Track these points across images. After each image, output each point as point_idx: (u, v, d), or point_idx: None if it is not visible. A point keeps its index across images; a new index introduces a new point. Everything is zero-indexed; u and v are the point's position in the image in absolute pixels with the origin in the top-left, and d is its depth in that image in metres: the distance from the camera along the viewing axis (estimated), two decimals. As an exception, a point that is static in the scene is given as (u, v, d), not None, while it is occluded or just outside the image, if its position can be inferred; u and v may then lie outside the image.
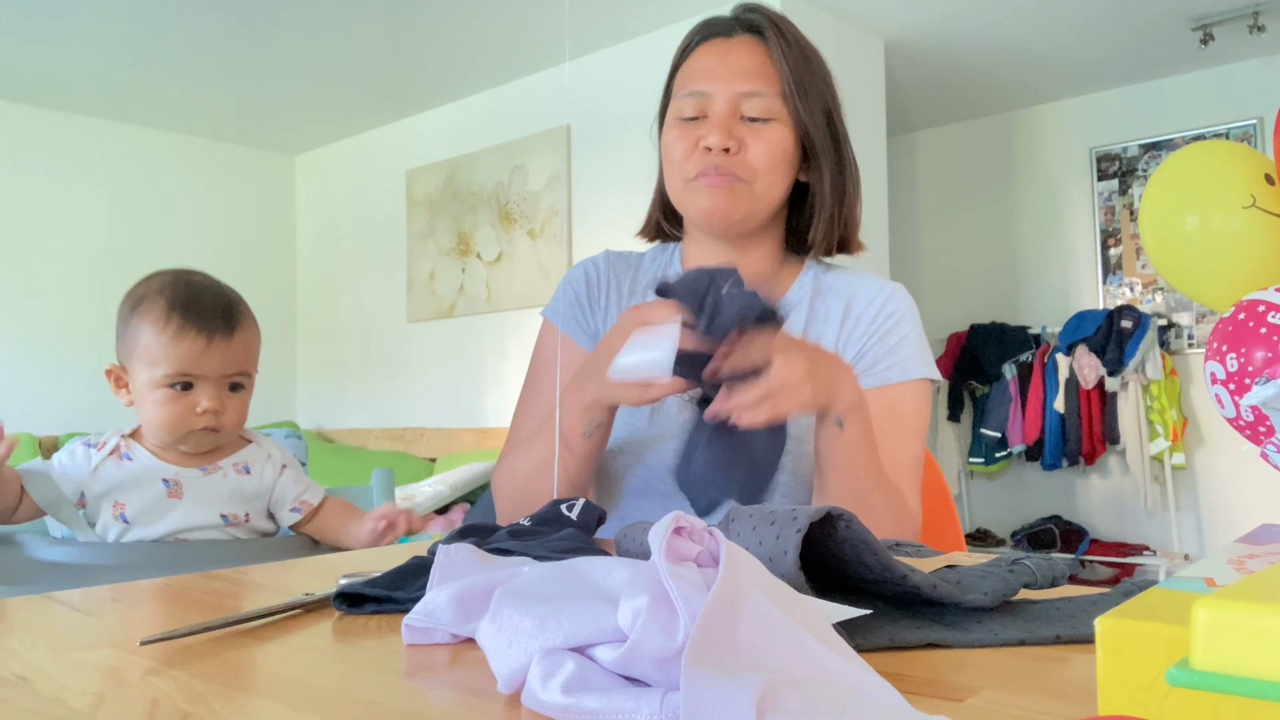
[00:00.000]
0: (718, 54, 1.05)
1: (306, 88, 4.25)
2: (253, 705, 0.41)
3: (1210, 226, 2.19)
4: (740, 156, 1.02)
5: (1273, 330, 1.95)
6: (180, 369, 1.15)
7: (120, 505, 1.16)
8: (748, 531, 0.52)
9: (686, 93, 1.05)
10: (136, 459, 1.19)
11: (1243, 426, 2.05)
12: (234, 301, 1.22)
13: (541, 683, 0.38)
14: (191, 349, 1.15)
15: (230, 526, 1.20)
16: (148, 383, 1.16)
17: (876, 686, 0.36)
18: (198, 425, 1.16)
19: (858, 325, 1.08)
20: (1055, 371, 4.15)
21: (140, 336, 1.16)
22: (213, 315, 1.17)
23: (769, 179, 1.04)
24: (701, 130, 1.03)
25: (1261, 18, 3.53)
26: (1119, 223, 4.38)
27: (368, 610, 0.60)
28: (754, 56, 1.04)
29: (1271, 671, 0.24)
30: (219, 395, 1.17)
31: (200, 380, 1.16)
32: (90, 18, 3.47)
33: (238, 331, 1.19)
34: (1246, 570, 0.33)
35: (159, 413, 1.16)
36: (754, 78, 1.03)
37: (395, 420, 4.65)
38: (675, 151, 1.06)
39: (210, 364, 1.16)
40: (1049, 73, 4.18)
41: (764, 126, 1.03)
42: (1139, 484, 3.99)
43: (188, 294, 1.18)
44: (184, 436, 1.17)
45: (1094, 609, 0.53)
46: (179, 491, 1.17)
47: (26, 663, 0.49)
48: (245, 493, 1.22)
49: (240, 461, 1.23)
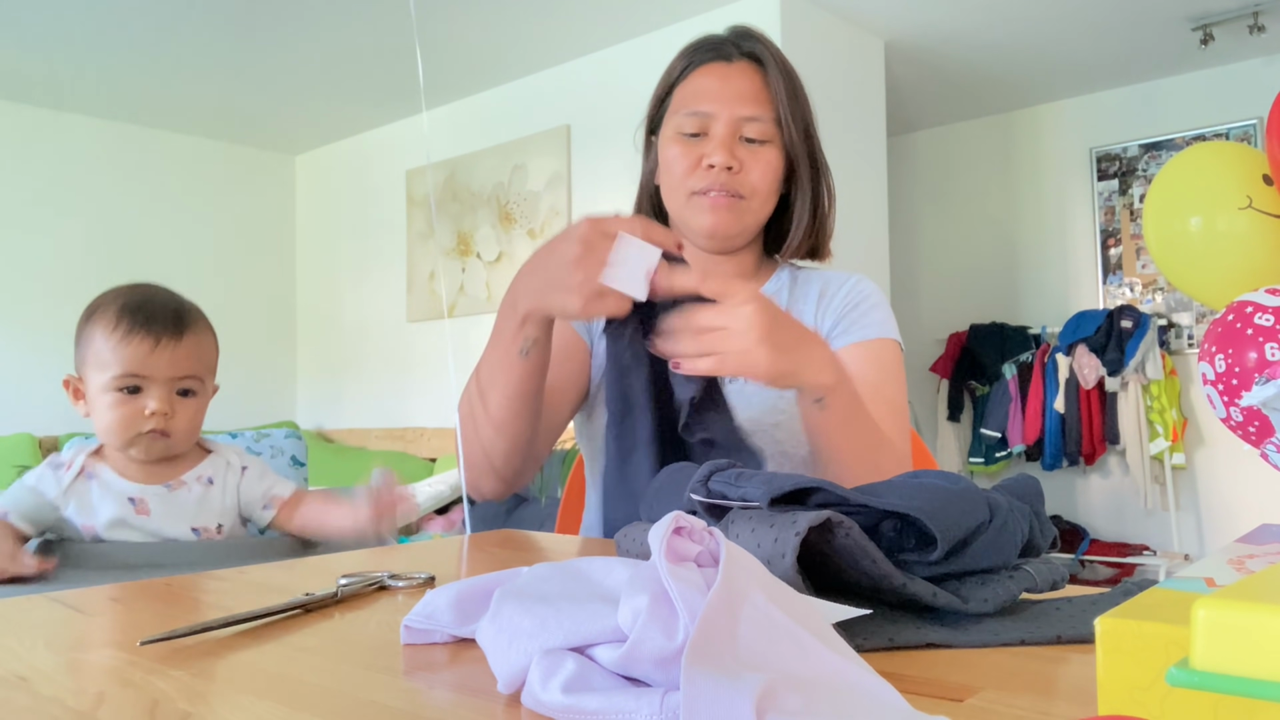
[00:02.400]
0: (720, 77, 1.11)
1: (306, 88, 4.25)
2: (253, 705, 0.41)
3: (1208, 227, 2.19)
4: (741, 176, 1.09)
5: (1259, 331, 1.95)
6: (127, 369, 1.16)
7: (89, 527, 1.17)
8: (746, 534, 0.52)
9: (689, 111, 1.10)
10: (101, 477, 1.19)
11: (1234, 427, 2.05)
12: (186, 309, 1.23)
13: (541, 683, 0.38)
14: (139, 350, 1.16)
15: (202, 540, 1.20)
16: (99, 387, 1.17)
17: (876, 686, 0.36)
18: (145, 428, 1.16)
19: (832, 301, 1.17)
20: (1055, 371, 4.15)
21: (93, 342, 1.18)
22: (161, 318, 1.18)
23: (764, 197, 1.12)
24: (703, 148, 1.09)
25: (1261, 18, 3.53)
26: (1119, 223, 4.38)
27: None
28: (753, 82, 1.11)
29: (1271, 671, 0.24)
30: (168, 399, 1.18)
31: (148, 383, 1.17)
32: (90, 18, 3.47)
33: (187, 335, 1.19)
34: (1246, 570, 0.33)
35: (109, 416, 1.17)
36: (754, 103, 1.10)
37: (395, 420, 4.65)
38: (678, 166, 1.11)
39: (157, 366, 1.17)
40: (1049, 73, 4.18)
41: (760, 148, 1.10)
42: (1139, 484, 3.99)
43: (139, 300, 1.20)
44: (133, 440, 1.17)
45: (1094, 609, 0.53)
46: (145, 508, 1.18)
47: (26, 663, 0.49)
48: (212, 504, 1.22)
49: (202, 474, 1.23)
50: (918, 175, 5.01)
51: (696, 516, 0.56)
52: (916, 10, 3.53)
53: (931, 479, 0.60)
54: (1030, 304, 4.60)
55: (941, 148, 4.95)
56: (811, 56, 3.43)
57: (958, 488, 0.57)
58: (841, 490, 0.55)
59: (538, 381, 0.98)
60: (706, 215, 1.10)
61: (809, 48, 3.44)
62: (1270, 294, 2.02)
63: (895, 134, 4.85)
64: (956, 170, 4.89)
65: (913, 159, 5.03)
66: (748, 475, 0.58)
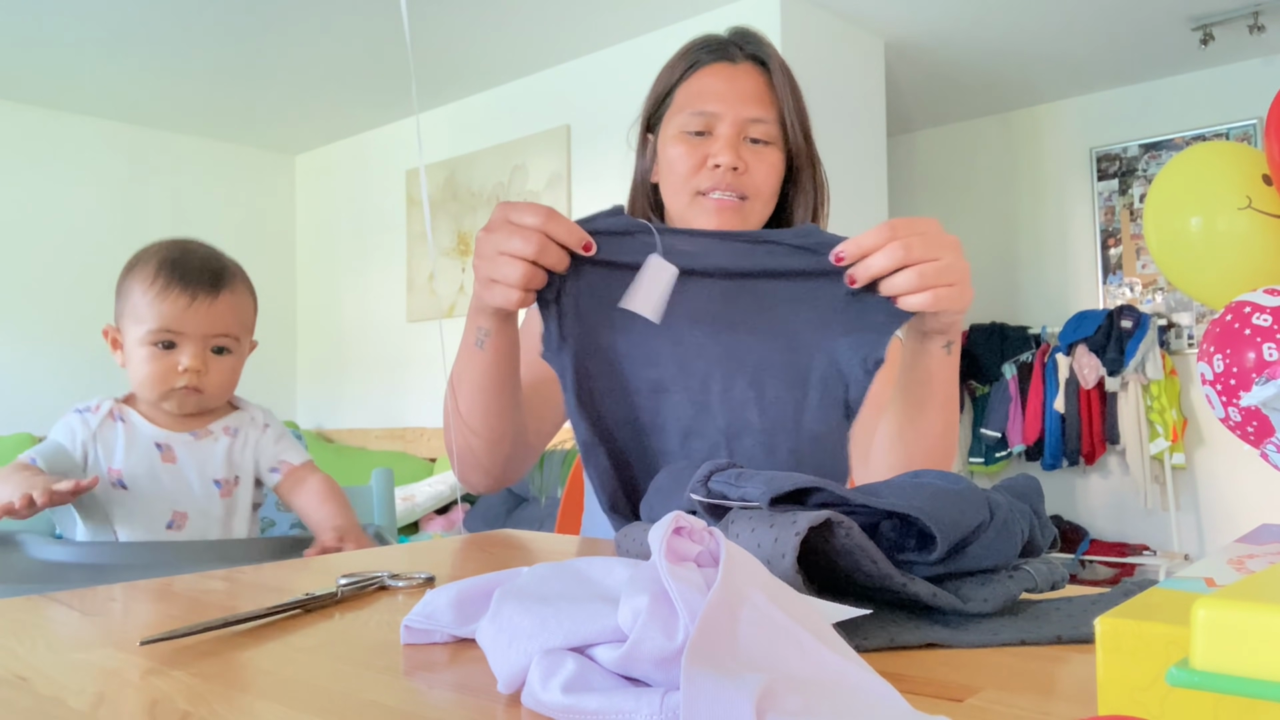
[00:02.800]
0: (725, 78, 1.11)
1: (306, 88, 4.25)
2: (253, 705, 0.41)
3: (1208, 227, 2.19)
4: (746, 176, 1.09)
5: (1256, 331, 1.96)
6: (163, 325, 1.17)
7: (116, 471, 1.18)
8: (746, 534, 0.52)
9: (694, 111, 1.10)
10: (130, 421, 1.21)
11: (1233, 427, 2.05)
12: (225, 266, 1.23)
13: (541, 683, 0.38)
14: (175, 306, 1.17)
15: (224, 496, 1.22)
16: (135, 340, 1.19)
17: (876, 686, 0.36)
18: (179, 384, 1.18)
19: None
20: (1055, 371, 4.15)
21: (131, 295, 1.19)
22: (199, 275, 1.19)
23: (767, 199, 1.12)
24: (708, 147, 1.09)
25: (1261, 18, 3.53)
26: (1119, 223, 4.38)
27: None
28: (758, 84, 1.11)
29: (1271, 671, 0.24)
30: (202, 356, 1.19)
31: (183, 339, 1.18)
32: (91, 18, 3.47)
33: (224, 293, 1.20)
34: (1246, 570, 0.33)
35: (143, 370, 1.18)
36: (759, 104, 1.10)
37: (395, 420, 4.65)
38: (682, 165, 1.10)
39: (193, 322, 1.18)
40: (1049, 73, 4.18)
41: (764, 149, 1.10)
42: (1139, 484, 3.99)
43: (178, 255, 1.20)
44: (167, 394, 1.19)
45: (1094, 609, 0.53)
46: (171, 455, 1.20)
47: (26, 663, 0.49)
48: (234, 456, 1.24)
49: (230, 425, 1.25)
50: (918, 175, 5.01)
51: (696, 516, 0.56)
52: (916, 10, 3.53)
53: (931, 479, 0.60)
54: (1030, 304, 4.60)
55: (941, 148, 4.95)
56: (811, 56, 3.43)
57: (958, 488, 0.57)
58: (842, 490, 0.55)
59: (502, 374, 0.96)
60: (711, 216, 1.09)
61: (809, 48, 3.44)
62: (1269, 294, 2.02)
63: (895, 134, 4.85)
64: (956, 170, 4.89)
65: (913, 159, 5.03)
66: (748, 475, 0.58)
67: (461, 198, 4.38)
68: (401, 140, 4.69)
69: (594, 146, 3.88)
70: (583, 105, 3.92)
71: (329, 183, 5.10)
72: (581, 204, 3.93)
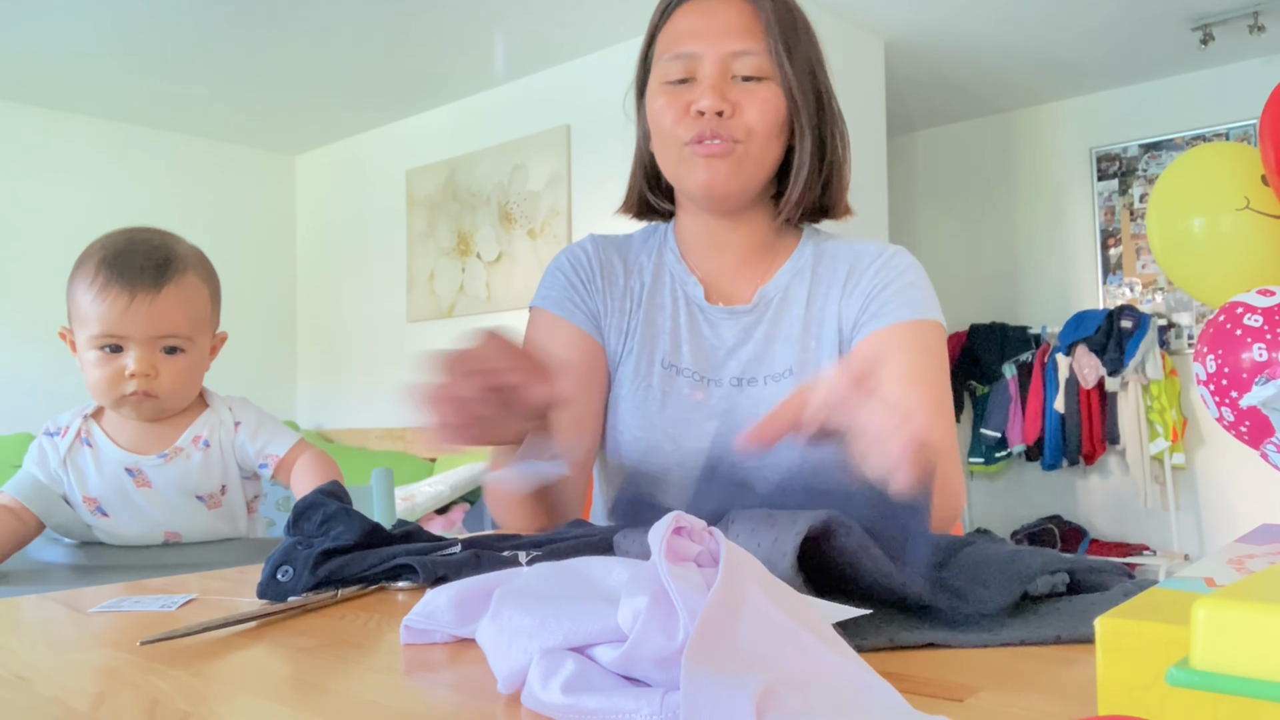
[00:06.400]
0: (703, 12, 0.99)
1: (306, 88, 4.25)
2: (253, 705, 0.41)
3: (1210, 228, 2.20)
4: (736, 119, 0.96)
5: (1248, 332, 1.96)
6: (105, 329, 1.08)
7: (92, 500, 1.12)
8: (746, 535, 0.52)
9: (672, 55, 0.99)
10: (97, 445, 1.14)
11: (1228, 426, 2.05)
12: (173, 257, 1.12)
13: (541, 683, 0.38)
14: (114, 306, 1.07)
15: (213, 508, 1.16)
16: (83, 343, 1.11)
17: (876, 686, 0.36)
18: (128, 389, 1.09)
19: (860, 281, 1.01)
20: (1055, 371, 4.15)
21: (75, 295, 1.11)
22: (140, 271, 1.09)
23: (765, 141, 0.98)
24: (692, 94, 0.97)
25: (1261, 18, 3.53)
26: (1119, 223, 4.37)
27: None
28: (741, 13, 0.98)
29: (1271, 671, 0.24)
30: (149, 358, 1.09)
31: (128, 341, 1.09)
32: (90, 18, 3.47)
33: (167, 288, 1.09)
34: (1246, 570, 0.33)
35: (93, 375, 1.10)
36: (744, 35, 0.97)
37: (395, 420, 4.65)
38: (665, 118, 0.98)
39: (134, 323, 1.08)
40: (1049, 73, 4.18)
41: (757, 86, 0.97)
42: (1139, 484, 3.99)
43: (121, 248, 1.11)
44: (119, 400, 1.11)
45: (1094, 609, 0.53)
46: (145, 480, 1.13)
47: (26, 663, 0.49)
48: (212, 469, 1.16)
49: (199, 435, 1.16)
50: (918, 175, 5.01)
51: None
52: (916, 10, 3.53)
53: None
54: (1030, 304, 4.60)
55: (941, 148, 4.95)
56: (811, 56, 3.42)
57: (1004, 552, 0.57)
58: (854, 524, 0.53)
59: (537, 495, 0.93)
60: (701, 170, 0.97)
61: (809, 48, 3.43)
62: (1261, 295, 2.02)
63: (895, 134, 4.85)
64: (956, 170, 4.89)
65: (913, 159, 5.03)
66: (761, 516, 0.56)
67: (461, 198, 4.38)
68: (401, 140, 4.69)
69: (594, 146, 3.88)
70: (583, 105, 3.92)
71: (329, 183, 5.10)
72: (581, 204, 3.93)
